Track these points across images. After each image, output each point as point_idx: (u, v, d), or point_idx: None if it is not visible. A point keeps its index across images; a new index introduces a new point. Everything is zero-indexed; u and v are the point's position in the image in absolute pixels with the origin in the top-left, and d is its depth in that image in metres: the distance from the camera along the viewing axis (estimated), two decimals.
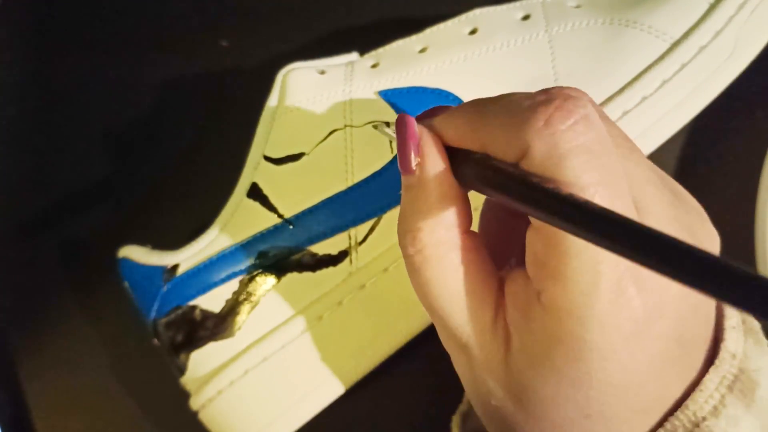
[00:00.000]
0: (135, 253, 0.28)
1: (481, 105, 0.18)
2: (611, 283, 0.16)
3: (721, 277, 0.11)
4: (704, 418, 0.17)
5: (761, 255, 0.27)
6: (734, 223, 0.29)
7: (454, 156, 0.19)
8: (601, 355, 0.16)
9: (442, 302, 0.19)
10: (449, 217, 0.18)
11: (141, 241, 0.29)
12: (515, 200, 0.16)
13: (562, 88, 0.17)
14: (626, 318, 0.16)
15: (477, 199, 0.20)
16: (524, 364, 0.17)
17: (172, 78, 0.33)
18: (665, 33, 0.26)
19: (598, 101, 0.26)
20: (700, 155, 0.30)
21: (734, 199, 0.29)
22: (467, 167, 0.18)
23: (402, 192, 0.19)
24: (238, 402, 0.26)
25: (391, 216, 0.26)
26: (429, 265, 0.18)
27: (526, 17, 0.27)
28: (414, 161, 0.19)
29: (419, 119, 0.20)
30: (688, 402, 0.17)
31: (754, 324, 0.19)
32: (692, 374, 0.18)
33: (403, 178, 0.19)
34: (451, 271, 0.18)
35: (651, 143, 0.26)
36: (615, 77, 0.26)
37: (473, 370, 0.19)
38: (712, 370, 0.18)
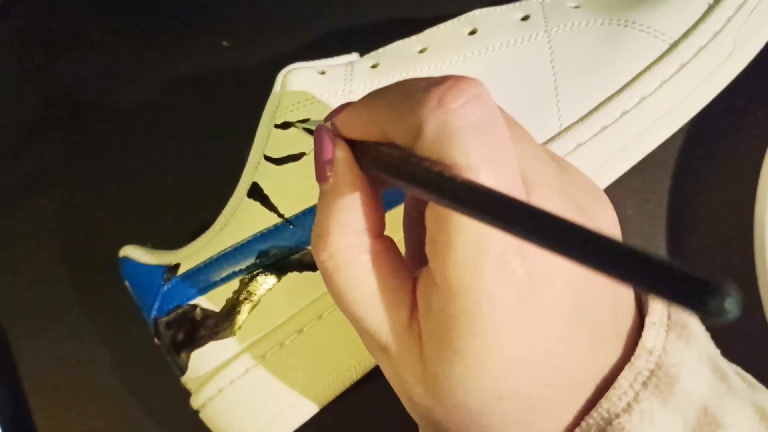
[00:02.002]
0: (135, 253, 0.28)
1: (380, 92, 0.19)
2: (496, 255, 0.16)
3: (593, 249, 0.11)
4: (617, 415, 0.17)
5: (760, 255, 0.27)
6: (734, 223, 0.29)
7: (357, 149, 0.19)
8: (495, 328, 0.16)
9: (357, 306, 0.19)
10: (359, 221, 0.19)
11: (141, 240, 0.29)
12: (400, 181, 0.16)
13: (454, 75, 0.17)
14: (511, 287, 0.16)
15: None
16: (432, 353, 0.17)
17: (172, 78, 0.33)
18: (664, 33, 0.26)
19: (597, 101, 0.26)
20: (700, 155, 0.30)
21: (734, 199, 0.29)
22: (364, 157, 0.19)
23: (318, 198, 0.20)
24: (239, 401, 0.26)
25: (391, 215, 0.26)
26: (341, 270, 0.19)
27: (525, 17, 0.27)
28: (329, 170, 0.19)
29: (328, 118, 0.21)
30: (602, 400, 0.18)
31: (681, 318, 0.19)
32: (605, 350, 0.18)
33: (319, 186, 0.20)
34: (363, 275, 0.19)
35: (650, 143, 0.26)
36: (614, 77, 0.26)
37: (396, 370, 0.19)
38: (627, 367, 0.18)
